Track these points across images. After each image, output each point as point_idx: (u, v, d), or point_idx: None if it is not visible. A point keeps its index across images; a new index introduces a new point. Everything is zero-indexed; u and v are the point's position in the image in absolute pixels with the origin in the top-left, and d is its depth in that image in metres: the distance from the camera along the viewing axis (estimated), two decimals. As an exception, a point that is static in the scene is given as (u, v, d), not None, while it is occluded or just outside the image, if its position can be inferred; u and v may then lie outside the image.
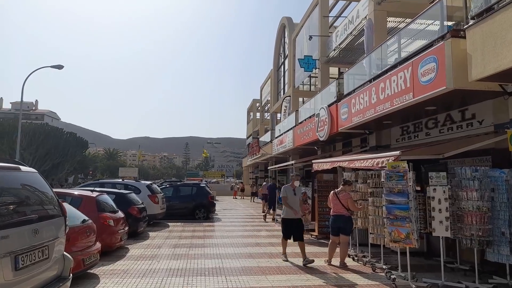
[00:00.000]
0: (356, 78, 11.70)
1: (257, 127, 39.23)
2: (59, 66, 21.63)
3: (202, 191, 16.24)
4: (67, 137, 26.78)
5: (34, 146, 23.97)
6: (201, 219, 15.49)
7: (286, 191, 7.89)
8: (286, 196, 7.82)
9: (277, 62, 29.44)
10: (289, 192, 7.87)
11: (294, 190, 7.92)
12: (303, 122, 15.81)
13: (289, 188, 7.95)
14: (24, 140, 23.39)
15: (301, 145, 16.16)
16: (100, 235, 7.61)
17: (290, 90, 22.90)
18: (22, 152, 23.87)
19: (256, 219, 16.26)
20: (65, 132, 26.90)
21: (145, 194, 13.06)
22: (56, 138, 25.16)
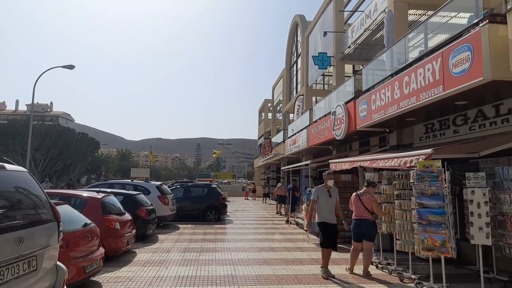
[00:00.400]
0: (376, 74, 11.07)
1: (269, 128, 38.66)
2: (70, 66, 21.44)
3: (213, 192, 15.76)
4: (78, 138, 26.65)
5: (46, 147, 23.87)
6: (212, 220, 15.01)
7: (318, 193, 6.86)
8: (317, 199, 6.83)
9: (289, 61, 28.85)
10: (323, 193, 6.85)
11: (329, 191, 6.88)
12: (318, 121, 15.20)
13: (322, 190, 6.92)
14: (35, 140, 23.31)
15: (315, 145, 15.55)
16: (105, 239, 7.17)
17: (303, 89, 22.28)
18: (34, 153, 23.81)
19: (269, 221, 15.70)
20: (77, 132, 26.81)
21: (154, 195, 12.64)
22: (67, 138, 25.04)
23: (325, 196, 6.81)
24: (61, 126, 25.03)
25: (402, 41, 9.58)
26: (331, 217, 6.78)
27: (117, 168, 73.29)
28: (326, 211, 6.76)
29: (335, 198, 6.91)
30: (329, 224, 6.73)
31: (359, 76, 11.67)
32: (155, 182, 13.27)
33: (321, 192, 6.88)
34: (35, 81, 20.98)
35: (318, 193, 6.87)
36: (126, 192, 10.41)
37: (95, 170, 39.60)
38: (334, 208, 6.88)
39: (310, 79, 21.65)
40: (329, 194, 6.83)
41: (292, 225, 14.00)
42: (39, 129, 23.78)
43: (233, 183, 55.17)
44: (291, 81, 28.59)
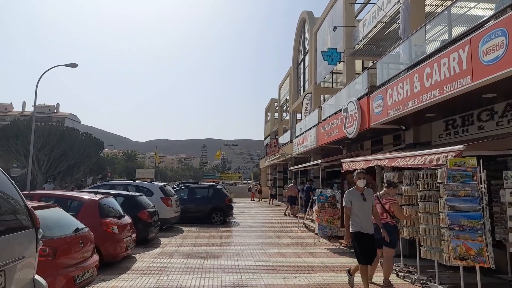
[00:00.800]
0: (391, 68, 10.45)
1: (275, 128, 38.04)
2: (73, 65, 21.05)
3: (219, 193, 15.20)
4: (82, 138, 26.26)
5: (49, 147, 23.49)
6: (218, 223, 14.45)
7: (351, 197, 5.63)
8: (350, 205, 5.60)
9: (296, 59, 28.23)
10: (356, 198, 5.61)
11: (363, 194, 5.64)
12: (328, 119, 14.58)
13: (355, 193, 5.67)
14: (38, 141, 22.95)
15: (325, 144, 14.92)
16: (102, 244, 6.64)
17: (311, 87, 21.65)
18: (37, 153, 23.46)
19: (277, 223, 15.09)
20: (81, 132, 26.44)
21: (157, 196, 12.11)
22: (71, 139, 24.64)
23: (358, 200, 5.60)
24: (64, 126, 24.66)
25: (420, 31, 8.96)
26: (368, 225, 5.58)
27: (123, 169, 73.09)
28: (361, 218, 5.55)
29: (370, 202, 5.73)
30: (366, 235, 5.52)
31: (372, 71, 11.04)
32: (158, 183, 12.75)
33: (354, 196, 5.64)
34: (38, 80, 20.60)
35: (350, 197, 5.64)
36: (127, 193, 9.88)
37: (100, 171, 39.25)
38: (371, 214, 5.72)
39: (318, 77, 21.02)
40: (363, 197, 5.61)
41: (301, 228, 13.37)
42: (42, 129, 23.41)
43: (239, 184, 54.64)
44: (298, 80, 27.97)
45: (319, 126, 15.60)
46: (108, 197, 7.86)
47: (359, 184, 5.69)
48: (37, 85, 20.53)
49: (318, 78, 21.03)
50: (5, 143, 22.69)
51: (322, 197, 9.84)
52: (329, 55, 16.22)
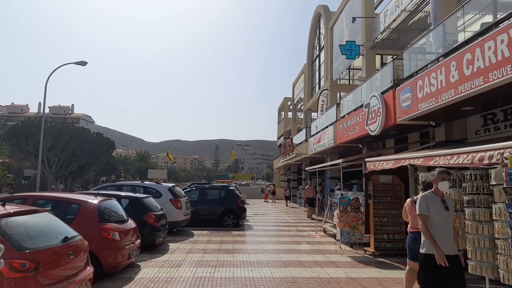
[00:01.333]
0: (420, 59, 9.52)
1: (289, 127, 37.15)
2: (82, 63, 20.62)
3: (231, 194, 14.45)
4: (93, 138, 25.89)
5: (59, 147, 23.15)
6: (230, 226, 13.69)
7: (428, 202, 4.07)
8: (428, 213, 4.03)
9: (311, 55, 27.33)
10: (435, 205, 4.05)
11: (444, 201, 4.10)
12: (347, 116, 13.68)
13: (434, 199, 4.10)
14: (48, 140, 22.63)
15: (344, 143, 14.02)
16: (101, 252, 5.95)
17: (328, 84, 20.74)
18: (47, 153, 23.15)
19: (293, 227, 14.25)
20: (92, 132, 26.08)
21: (166, 198, 11.42)
22: (81, 138, 24.26)
23: (438, 209, 4.03)
24: (75, 126, 24.31)
25: (452, 17, 8.03)
26: (448, 243, 3.98)
27: (136, 170, 73.20)
28: (440, 234, 3.95)
29: (453, 211, 4.21)
30: (448, 257, 3.82)
31: (398, 62, 10.11)
32: (167, 184, 12.07)
33: (433, 202, 4.07)
34: (47, 78, 20.23)
35: (428, 203, 4.06)
36: (132, 195, 9.19)
37: (112, 171, 39.01)
38: (452, 229, 4.15)
39: (335, 73, 20.10)
40: (444, 205, 4.06)
41: (319, 233, 12.51)
42: (52, 129, 23.08)
43: (251, 185, 53.91)
44: (313, 77, 27.06)
45: (337, 124, 14.71)
46: (110, 199, 7.17)
47: (441, 188, 4.09)
48: (46, 83, 20.16)
49: (334, 75, 20.11)
50: (15, 143, 22.44)
51: (344, 200, 8.97)
52: (348, 48, 15.31)
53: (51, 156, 23.41)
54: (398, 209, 8.97)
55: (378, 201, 8.95)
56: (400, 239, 8.87)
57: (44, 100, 20.16)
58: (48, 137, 22.50)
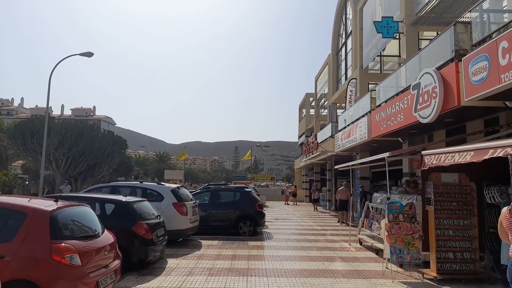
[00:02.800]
0: (494, 23, 7.22)
1: (311, 124, 34.84)
2: (88, 54, 19.11)
3: (247, 197, 12.40)
4: (103, 136, 24.43)
5: (67, 146, 21.75)
6: (246, 234, 11.66)
7: None
8: None
9: (336, 44, 25.00)
10: None
11: None
12: (385, 104, 11.42)
13: None
14: (55, 139, 21.27)
15: (381, 136, 11.76)
16: (50, 284, 4.00)
17: (357, 72, 18.43)
18: (54, 152, 21.79)
19: (320, 236, 12.06)
20: (102, 130, 24.63)
21: (169, 201, 9.49)
22: (90, 137, 22.81)
23: None
24: (83, 123, 22.93)
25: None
26: None
27: (154, 170, 72.44)
28: None
29: None
30: None
31: (462, 29, 7.79)
32: (170, 185, 10.12)
33: None
34: (51, 70, 18.82)
35: None
36: (119, 199, 7.26)
37: (128, 172, 37.73)
38: None
39: (365, 59, 17.77)
40: None
41: (354, 244, 10.28)
42: (59, 127, 21.71)
43: (271, 186, 51.80)
44: (338, 68, 24.72)
45: (372, 114, 12.45)
46: (77, 206, 5.24)
47: None
48: (50, 77, 18.74)
49: (365, 61, 17.78)
50: (21, 141, 21.19)
51: (394, 206, 6.76)
52: (384, 25, 13.02)
53: (58, 155, 22.04)
54: (468, 218, 6.71)
55: (441, 207, 6.71)
56: (472, 259, 6.60)
57: (48, 93, 18.74)
58: (55, 135, 21.15)
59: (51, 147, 21.14)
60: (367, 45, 17.32)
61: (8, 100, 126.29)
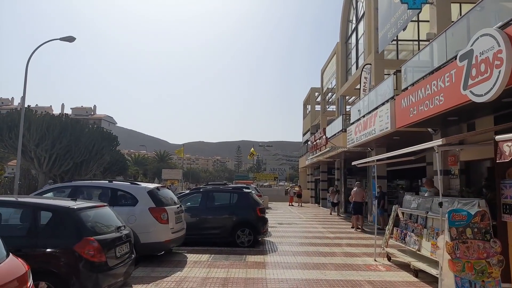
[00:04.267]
0: None
1: (317, 121, 32.72)
2: (69, 38, 17.15)
3: (246, 200, 10.30)
4: (90, 131, 22.39)
5: (49, 142, 19.73)
6: (245, 245, 9.58)
7: None
8: None
9: (345, 31, 22.85)
10: None
11: None
12: (416, 85, 9.29)
13: None
14: (35, 134, 19.26)
15: (409, 125, 9.64)
16: None
17: (371, 57, 16.31)
18: (34, 149, 19.78)
19: (335, 247, 9.93)
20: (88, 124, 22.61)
21: (144, 206, 7.41)
22: (75, 131, 20.78)
23: None
24: (68, 118, 20.93)
25: None
26: None
27: (154, 170, 70.45)
28: None
29: None
30: None
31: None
32: (147, 185, 7.99)
33: None
34: (28, 58, 16.81)
35: None
36: (58, 204, 5.16)
37: (122, 171, 35.68)
38: None
39: (381, 42, 15.60)
40: None
41: (380, 260, 8.16)
42: (40, 121, 19.70)
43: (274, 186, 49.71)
44: (348, 57, 22.58)
45: (397, 100, 10.33)
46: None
47: None
48: (27, 64, 16.72)
49: (381, 44, 15.61)
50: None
51: (459, 215, 4.62)
52: (410, -6, 10.89)
53: (40, 152, 20.03)
54: None
55: (526, 218, 4.57)
56: None
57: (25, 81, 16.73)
58: (35, 129, 19.15)
59: (31, 143, 19.16)
60: (383, 26, 15.17)
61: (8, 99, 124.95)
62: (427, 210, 6.98)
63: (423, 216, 7.10)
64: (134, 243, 7.04)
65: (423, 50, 9.77)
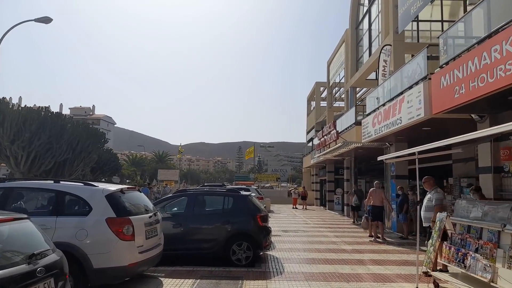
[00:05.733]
0: None
1: (323, 117, 30.61)
2: (45, 19, 15.12)
3: (243, 205, 8.17)
4: (74, 126, 20.32)
5: (26, 138, 17.67)
6: (242, 263, 7.49)
7: None
8: None
9: (355, 16, 20.75)
10: None
11: None
12: (464, 56, 7.17)
13: None
14: (9, 129, 17.21)
15: (452, 109, 7.52)
16: None
17: (389, 39, 14.20)
18: (9, 146, 17.71)
19: (358, 266, 7.79)
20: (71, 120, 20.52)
21: (100, 216, 5.32)
22: (56, 127, 18.73)
23: None
24: (48, 111, 18.84)
25: None
26: None
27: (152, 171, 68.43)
28: None
29: None
30: None
31: None
32: (106, 186, 5.81)
33: None
34: (2, 36, 14.78)
35: None
36: None
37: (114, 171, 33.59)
38: None
39: (402, 21, 13.48)
40: None
41: (423, 287, 6.02)
42: (15, 114, 17.62)
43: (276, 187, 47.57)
44: (358, 44, 20.47)
45: (435, 79, 8.21)
46: None
47: None
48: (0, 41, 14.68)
49: (401, 23, 13.49)
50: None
51: None
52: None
53: (16, 150, 17.97)
54: None
55: None
56: None
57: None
58: (9, 124, 17.10)
59: (5, 139, 17.11)
60: (404, 3, 13.07)
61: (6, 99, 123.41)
62: (503, 221, 4.85)
63: (494, 230, 4.97)
64: (85, 269, 4.99)
65: (469, 12, 7.66)
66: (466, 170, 12.39)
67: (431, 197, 7.24)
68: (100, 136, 22.76)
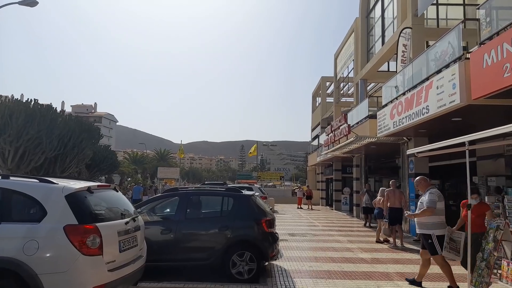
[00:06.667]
0: None
1: (329, 113, 29.26)
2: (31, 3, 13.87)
3: (246, 207, 6.84)
4: (65, 120, 19.06)
5: (13, 132, 16.44)
6: (244, 276, 6.21)
7: None
8: None
9: (366, 4, 19.38)
10: None
11: None
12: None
13: None
14: (-5, 122, 15.97)
15: (501, 90, 6.20)
16: None
17: (408, 22, 12.84)
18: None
19: (384, 280, 6.49)
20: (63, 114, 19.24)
21: (56, 223, 4.03)
22: (45, 121, 17.48)
23: None
24: (37, 104, 17.62)
25: None
26: None
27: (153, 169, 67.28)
28: None
29: None
30: None
31: None
32: (69, 184, 4.54)
33: None
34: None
35: None
36: None
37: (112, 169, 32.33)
38: None
39: (422, 2, 12.15)
40: None
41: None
42: (1, 107, 16.40)
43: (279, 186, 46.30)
44: (369, 34, 19.11)
45: (475, 57, 6.87)
46: None
47: None
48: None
49: (422, 5, 12.16)
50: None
51: None
52: None
53: (2, 145, 16.75)
54: None
55: None
56: None
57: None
58: (-6, 117, 15.87)
59: (-12, 133, 15.89)
60: (425, -19, 11.74)
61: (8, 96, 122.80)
62: None
63: None
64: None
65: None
66: (494, 168, 11.10)
67: (423, 199, 5.93)
68: (94, 131, 21.51)
